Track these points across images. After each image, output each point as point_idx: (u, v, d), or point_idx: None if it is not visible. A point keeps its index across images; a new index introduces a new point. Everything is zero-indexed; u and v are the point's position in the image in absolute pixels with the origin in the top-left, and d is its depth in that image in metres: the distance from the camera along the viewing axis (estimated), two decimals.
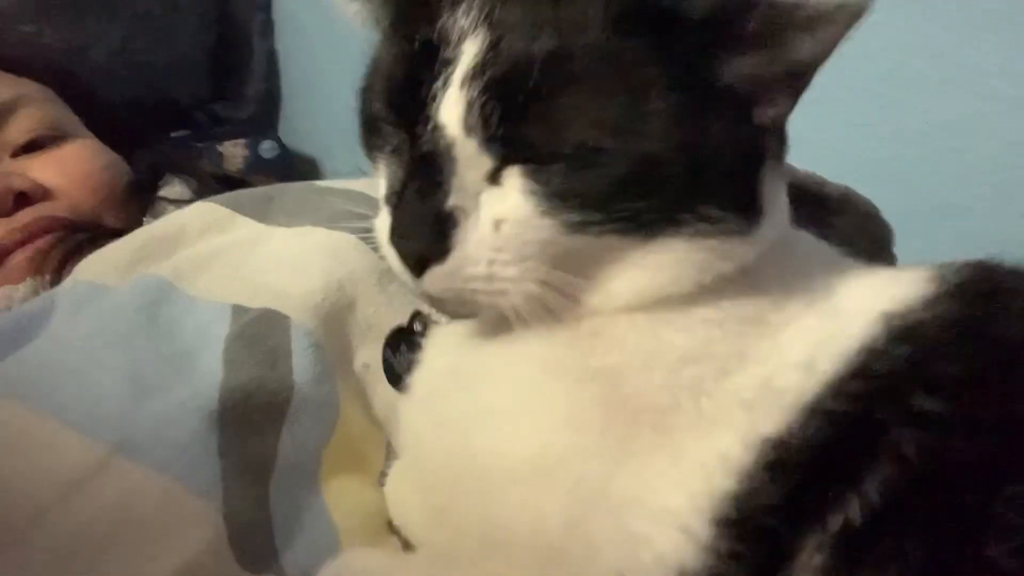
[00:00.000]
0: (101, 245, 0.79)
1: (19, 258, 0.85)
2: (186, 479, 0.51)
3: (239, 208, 0.75)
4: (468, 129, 0.43)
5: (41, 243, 0.85)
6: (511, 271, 0.44)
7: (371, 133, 0.49)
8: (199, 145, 2.01)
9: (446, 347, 0.54)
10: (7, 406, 0.53)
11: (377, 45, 0.50)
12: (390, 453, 0.62)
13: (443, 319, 0.56)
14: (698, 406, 0.44)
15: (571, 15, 0.43)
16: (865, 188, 0.75)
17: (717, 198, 0.44)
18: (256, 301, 0.62)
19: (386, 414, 0.62)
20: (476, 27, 0.44)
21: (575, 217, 0.43)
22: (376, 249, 0.66)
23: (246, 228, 0.72)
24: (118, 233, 0.87)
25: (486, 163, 0.44)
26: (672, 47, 0.42)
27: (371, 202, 0.71)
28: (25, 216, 0.88)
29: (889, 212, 0.75)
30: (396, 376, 0.63)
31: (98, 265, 0.71)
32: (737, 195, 0.45)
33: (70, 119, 1.00)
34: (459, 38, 0.44)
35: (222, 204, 0.76)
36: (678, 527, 0.42)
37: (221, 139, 2.01)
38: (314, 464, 0.58)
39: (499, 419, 0.47)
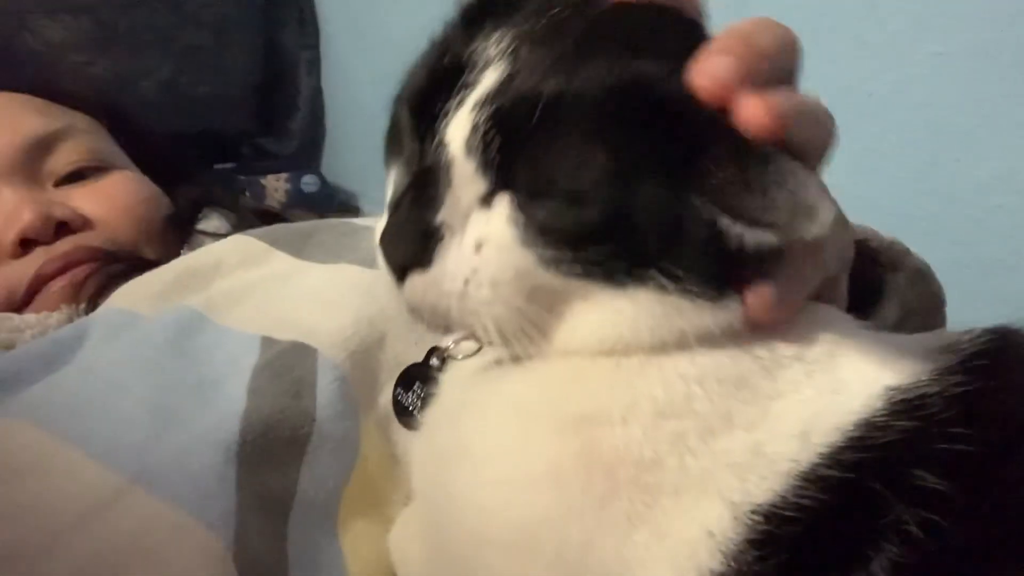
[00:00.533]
0: (137, 276, 0.80)
1: (56, 286, 0.86)
2: (198, 513, 0.50)
3: (276, 243, 0.75)
4: (469, 151, 0.45)
5: (78, 272, 0.86)
6: (484, 293, 0.45)
7: (392, 140, 0.50)
8: (242, 178, 2.04)
9: (458, 383, 0.54)
10: (31, 432, 0.53)
11: (420, 54, 0.51)
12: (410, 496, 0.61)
13: (458, 353, 0.56)
14: (683, 464, 0.43)
15: (586, 69, 0.44)
16: (909, 245, 0.73)
17: (685, 263, 0.44)
18: (286, 334, 0.62)
19: (408, 454, 0.61)
20: (501, 58, 0.45)
21: (549, 253, 0.44)
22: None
23: (281, 263, 0.73)
24: (155, 265, 0.87)
25: (480, 186, 0.45)
26: (665, 132, 0.43)
27: None
28: (65, 245, 0.89)
29: (934, 269, 0.73)
30: (407, 413, 0.62)
31: (133, 294, 0.72)
32: (706, 266, 0.44)
33: (113, 151, 1.01)
34: (484, 65, 0.45)
35: (259, 238, 0.76)
36: None
37: (264, 173, 2.03)
38: (332, 504, 0.57)
39: (481, 468, 0.47)
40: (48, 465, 0.51)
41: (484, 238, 0.45)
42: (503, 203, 0.45)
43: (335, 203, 2.08)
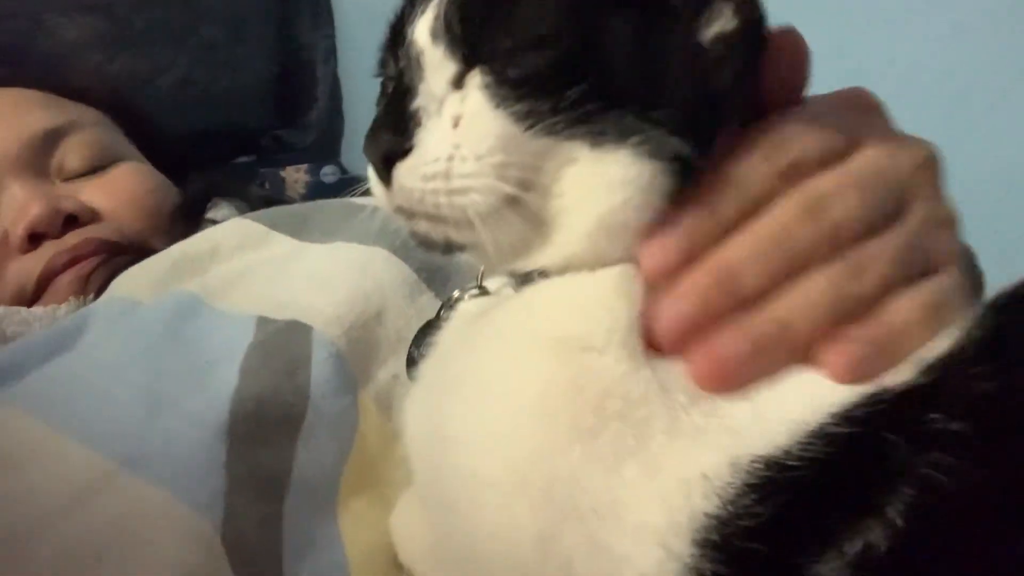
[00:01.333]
0: None
1: (65, 280, 0.86)
2: (185, 494, 0.50)
3: (274, 225, 0.75)
4: (434, 36, 0.46)
5: (85, 265, 0.86)
6: (469, 166, 0.44)
7: (381, 96, 0.52)
8: (263, 171, 2.04)
9: (457, 326, 0.53)
10: (22, 420, 0.53)
11: None
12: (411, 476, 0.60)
13: (465, 295, 0.55)
14: (674, 416, 0.41)
15: None
16: None
17: (667, 113, 0.43)
18: (282, 313, 0.62)
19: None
20: None
21: (525, 107, 0.44)
22: (407, 260, 0.66)
23: (280, 245, 0.72)
24: None
25: (450, 67, 0.46)
26: None
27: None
28: (73, 238, 0.89)
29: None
30: (414, 364, 0.60)
31: (133, 281, 0.72)
32: (689, 122, 0.43)
33: (122, 144, 1.02)
34: None
35: (257, 221, 0.76)
36: (658, 544, 0.39)
37: (284, 164, 2.03)
38: (331, 484, 0.56)
39: (471, 402, 0.46)
40: (38, 452, 0.51)
41: (460, 113, 0.45)
42: (474, 77, 0.45)
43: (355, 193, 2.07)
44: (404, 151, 0.45)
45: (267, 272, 0.68)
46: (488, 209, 0.44)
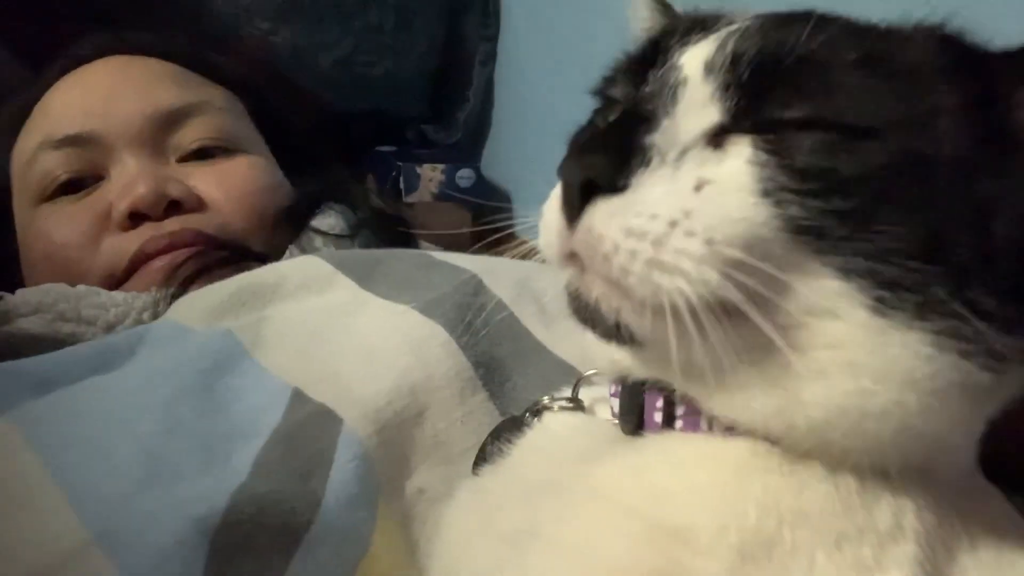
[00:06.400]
0: (237, 267, 0.77)
1: (156, 266, 0.85)
2: None
3: (342, 267, 0.70)
4: (709, 70, 0.39)
5: (179, 254, 0.84)
6: (693, 244, 0.35)
7: (597, 115, 0.47)
8: (401, 164, 2.03)
9: (537, 449, 0.46)
10: (28, 456, 0.49)
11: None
12: None
13: (554, 405, 0.49)
14: None
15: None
16: None
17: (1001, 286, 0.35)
18: (319, 390, 0.55)
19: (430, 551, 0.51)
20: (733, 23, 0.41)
21: (800, 210, 0.35)
22: (467, 350, 0.59)
23: (342, 291, 0.67)
24: (259, 258, 0.85)
25: (712, 115, 0.38)
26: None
27: (480, 290, 0.64)
28: (172, 224, 0.87)
29: None
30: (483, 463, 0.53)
31: (191, 307, 0.68)
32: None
33: (246, 133, 0.99)
34: (715, 24, 0.42)
35: (326, 260, 0.71)
36: None
37: (424, 160, 2.02)
38: None
39: (539, 558, 0.38)
40: (33, 502, 0.47)
41: (709, 179, 0.37)
42: (742, 144, 0.37)
43: (487, 199, 2.04)
44: (615, 187, 0.37)
45: (320, 326, 0.62)
46: (691, 306, 0.35)
